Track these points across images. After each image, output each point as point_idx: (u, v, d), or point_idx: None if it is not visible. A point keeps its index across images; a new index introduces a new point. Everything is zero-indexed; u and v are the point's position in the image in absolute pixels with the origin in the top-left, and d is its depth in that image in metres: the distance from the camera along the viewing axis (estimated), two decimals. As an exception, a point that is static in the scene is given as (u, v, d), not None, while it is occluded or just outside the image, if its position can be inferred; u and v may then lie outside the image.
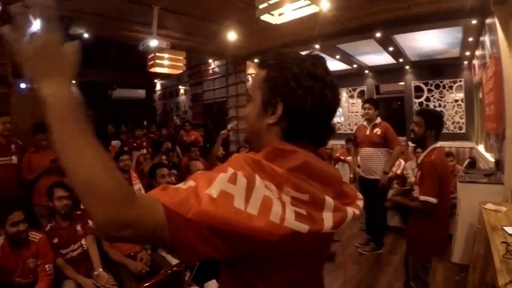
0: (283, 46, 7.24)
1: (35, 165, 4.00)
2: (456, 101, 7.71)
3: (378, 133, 4.44)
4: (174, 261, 3.19)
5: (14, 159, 3.98)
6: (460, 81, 7.61)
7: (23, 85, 5.06)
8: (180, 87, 11.47)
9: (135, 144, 6.81)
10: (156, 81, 12.49)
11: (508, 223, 2.72)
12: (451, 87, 7.75)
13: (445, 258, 4.08)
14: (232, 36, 6.34)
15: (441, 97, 7.88)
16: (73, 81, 0.78)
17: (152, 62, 6.19)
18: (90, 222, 3.17)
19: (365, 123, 4.68)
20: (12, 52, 0.74)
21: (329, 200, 0.82)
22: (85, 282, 2.84)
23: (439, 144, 2.77)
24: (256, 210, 0.71)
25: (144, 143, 7.09)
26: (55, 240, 2.96)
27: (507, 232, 2.48)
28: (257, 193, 0.73)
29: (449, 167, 3.29)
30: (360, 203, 0.97)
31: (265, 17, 4.15)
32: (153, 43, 5.36)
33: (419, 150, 4.55)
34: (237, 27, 6.12)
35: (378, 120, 4.55)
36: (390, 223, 5.20)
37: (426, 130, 2.72)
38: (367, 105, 4.60)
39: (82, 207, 3.46)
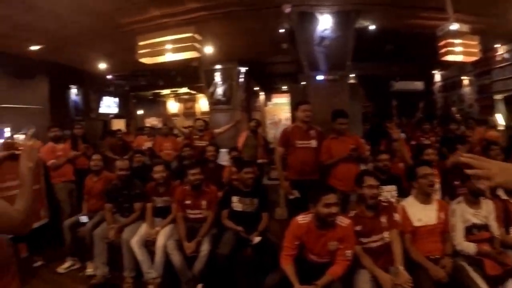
0: None
1: (334, 151, 4.24)
2: None
3: None
4: (477, 277, 2.78)
5: (313, 143, 4.33)
6: None
7: (319, 77, 5.51)
8: (462, 77, 10.24)
9: (422, 139, 6.43)
10: (434, 72, 11.63)
11: None
12: None
13: None
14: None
15: None
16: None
17: (444, 50, 5.70)
18: (395, 215, 3.09)
19: None
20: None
21: None
22: (382, 276, 2.77)
23: None
24: None
25: (432, 138, 6.55)
26: (358, 228, 2.98)
27: None
28: None
29: None
30: None
31: None
32: (453, 27, 4.90)
33: None
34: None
35: None
36: None
37: None
38: None
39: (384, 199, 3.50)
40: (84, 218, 4.61)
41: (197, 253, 3.66)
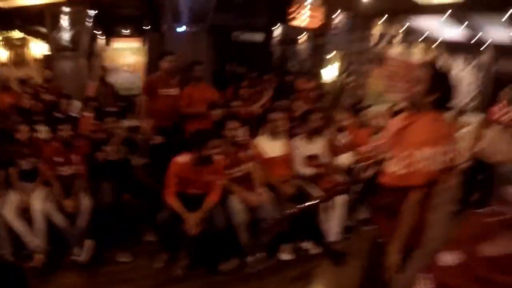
0: (414, 9, 7.54)
1: (193, 98, 4.83)
2: None
3: None
4: (314, 191, 4.00)
5: (175, 91, 4.88)
6: None
7: (180, 29, 5.87)
8: (301, 35, 11.51)
9: (260, 87, 7.30)
10: (275, 26, 12.23)
11: None
12: None
13: None
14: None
15: None
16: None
17: (293, 15, 6.69)
18: (252, 150, 4.01)
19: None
20: None
21: None
22: (249, 197, 3.71)
23: None
24: None
25: (269, 88, 7.58)
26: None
27: None
28: None
29: None
30: None
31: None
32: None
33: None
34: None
35: None
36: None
37: None
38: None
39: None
40: None
41: (77, 210, 3.75)
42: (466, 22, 7.60)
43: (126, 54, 11.04)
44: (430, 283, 1.19)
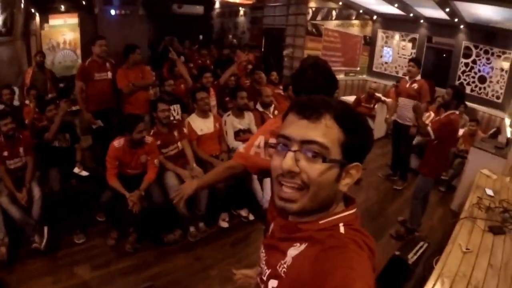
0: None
1: (130, 79, 4.94)
2: (502, 70, 7.82)
3: (415, 87, 5.34)
4: None
5: (109, 74, 5.02)
6: (510, 53, 7.64)
7: (112, 12, 6.03)
8: (240, 8, 11.97)
9: (199, 61, 7.74)
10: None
11: (492, 188, 3.78)
12: (499, 56, 7.85)
13: (446, 204, 5.30)
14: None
15: (488, 63, 8.08)
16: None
17: None
18: (184, 129, 4.41)
19: (407, 77, 5.62)
20: None
21: None
22: (182, 173, 4.12)
23: (457, 112, 3.98)
24: None
25: (208, 61, 7.94)
26: (158, 142, 4.14)
27: (486, 192, 3.62)
28: None
29: (456, 129, 4.26)
30: None
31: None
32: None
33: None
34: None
35: (418, 77, 5.43)
36: (411, 165, 6.18)
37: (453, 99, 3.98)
38: (411, 63, 5.50)
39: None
40: None
41: (31, 200, 3.81)
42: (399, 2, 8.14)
43: (64, 31, 10.26)
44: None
